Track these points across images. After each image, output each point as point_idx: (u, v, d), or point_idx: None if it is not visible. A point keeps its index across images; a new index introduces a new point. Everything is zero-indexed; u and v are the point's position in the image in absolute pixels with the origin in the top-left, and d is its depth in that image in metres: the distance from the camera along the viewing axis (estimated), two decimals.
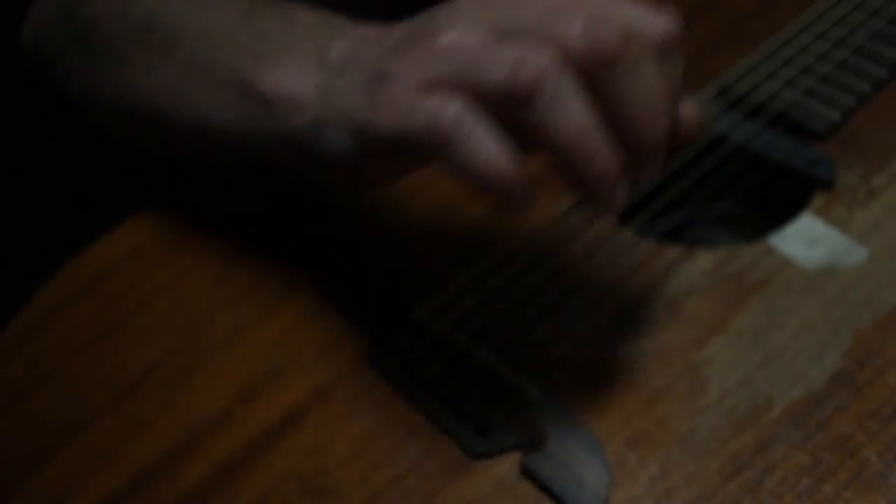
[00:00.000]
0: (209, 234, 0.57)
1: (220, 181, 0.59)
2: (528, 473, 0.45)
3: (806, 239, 0.51)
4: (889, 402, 0.45)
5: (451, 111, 0.42)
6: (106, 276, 0.56)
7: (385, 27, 0.48)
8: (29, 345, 0.53)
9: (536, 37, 0.42)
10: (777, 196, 0.55)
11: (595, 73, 0.42)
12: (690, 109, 0.46)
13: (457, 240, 0.54)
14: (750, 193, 0.57)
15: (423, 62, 0.43)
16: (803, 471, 0.44)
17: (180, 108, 0.54)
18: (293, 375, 0.50)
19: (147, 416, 0.49)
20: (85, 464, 0.48)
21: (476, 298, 0.51)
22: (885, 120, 0.56)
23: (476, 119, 0.42)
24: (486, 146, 0.41)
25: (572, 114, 0.41)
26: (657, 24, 0.43)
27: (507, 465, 0.46)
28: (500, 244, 0.53)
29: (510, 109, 0.42)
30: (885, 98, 0.56)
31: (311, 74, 0.48)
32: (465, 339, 0.50)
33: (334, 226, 0.56)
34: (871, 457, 0.44)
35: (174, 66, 0.54)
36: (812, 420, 0.45)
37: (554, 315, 0.50)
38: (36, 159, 0.70)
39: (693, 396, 0.46)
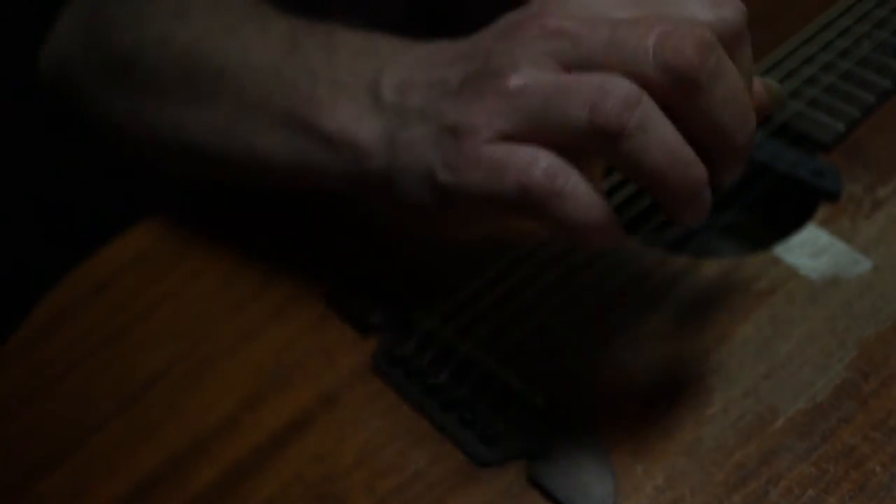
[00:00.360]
0: (216, 239, 0.57)
1: (226, 187, 0.59)
2: (534, 482, 0.45)
3: (811, 250, 0.51)
4: (894, 414, 0.45)
5: (540, 167, 0.40)
6: (113, 282, 0.56)
7: (429, 50, 0.46)
8: (37, 350, 0.53)
9: (607, 67, 0.39)
10: (782, 207, 0.56)
11: (676, 91, 0.39)
12: (757, 86, 0.43)
13: (464, 247, 0.54)
14: (755, 204, 0.57)
15: (495, 110, 0.41)
16: (808, 482, 0.44)
17: (232, 146, 0.52)
18: (300, 382, 0.50)
19: (154, 421, 0.50)
20: (92, 469, 0.48)
21: (483, 306, 0.51)
22: (890, 131, 0.55)
23: (566, 171, 0.40)
24: (582, 199, 0.40)
25: (660, 141, 0.39)
26: (726, 14, 0.40)
27: (513, 474, 0.46)
28: (508, 252, 0.53)
29: (596, 148, 0.40)
30: (891, 109, 0.56)
31: (371, 118, 0.46)
32: (472, 346, 0.50)
33: (341, 232, 0.56)
34: (876, 468, 0.44)
35: (223, 104, 0.52)
36: (817, 431, 0.45)
37: (560, 324, 0.50)
38: (43, 166, 0.70)
39: (698, 406, 0.47)
